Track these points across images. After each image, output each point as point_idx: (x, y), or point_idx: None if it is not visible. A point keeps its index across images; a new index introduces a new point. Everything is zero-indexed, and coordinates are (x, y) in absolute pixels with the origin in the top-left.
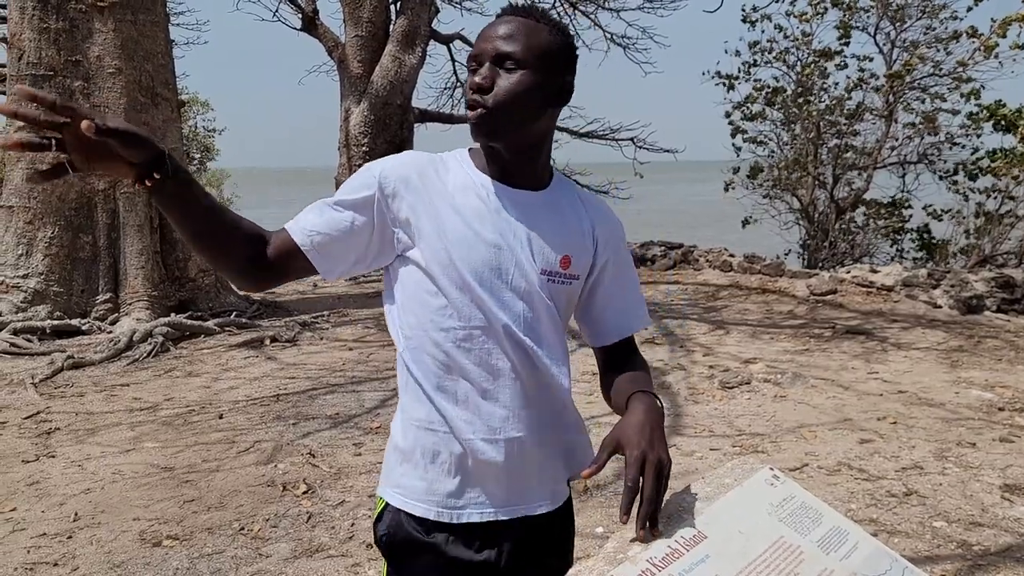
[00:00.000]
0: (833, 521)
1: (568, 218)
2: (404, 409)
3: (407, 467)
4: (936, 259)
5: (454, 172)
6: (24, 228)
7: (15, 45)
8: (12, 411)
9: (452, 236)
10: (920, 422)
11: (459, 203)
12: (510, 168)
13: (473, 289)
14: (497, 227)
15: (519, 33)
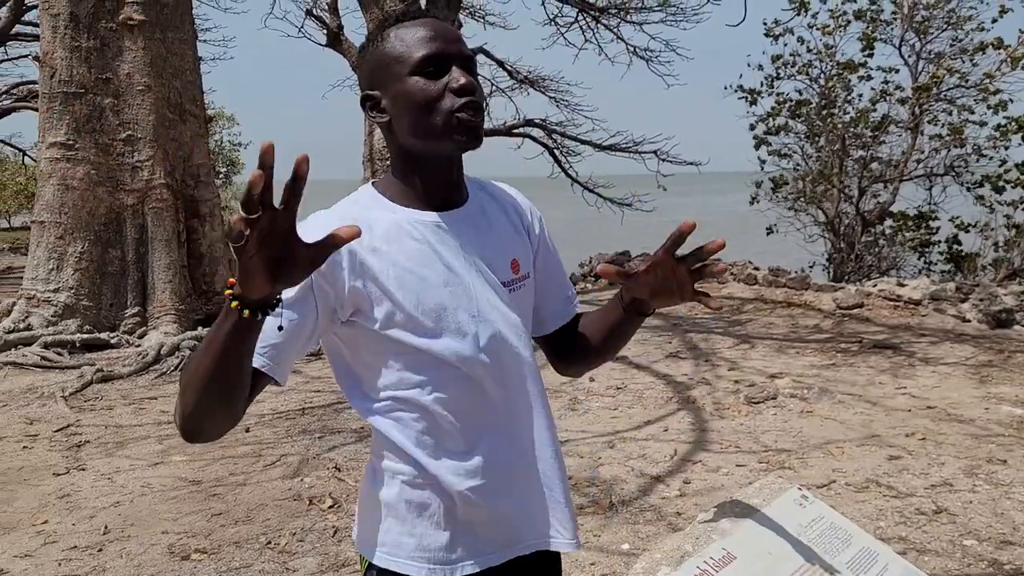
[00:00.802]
0: (863, 542)
1: (496, 219)
2: (383, 464)
3: (392, 522)
4: (964, 272)
5: (376, 218)
6: (55, 243)
7: (47, 63)
8: (43, 424)
9: (401, 289)
10: (949, 438)
11: (396, 252)
12: (447, 184)
13: (438, 335)
14: (444, 262)
15: (463, 38)
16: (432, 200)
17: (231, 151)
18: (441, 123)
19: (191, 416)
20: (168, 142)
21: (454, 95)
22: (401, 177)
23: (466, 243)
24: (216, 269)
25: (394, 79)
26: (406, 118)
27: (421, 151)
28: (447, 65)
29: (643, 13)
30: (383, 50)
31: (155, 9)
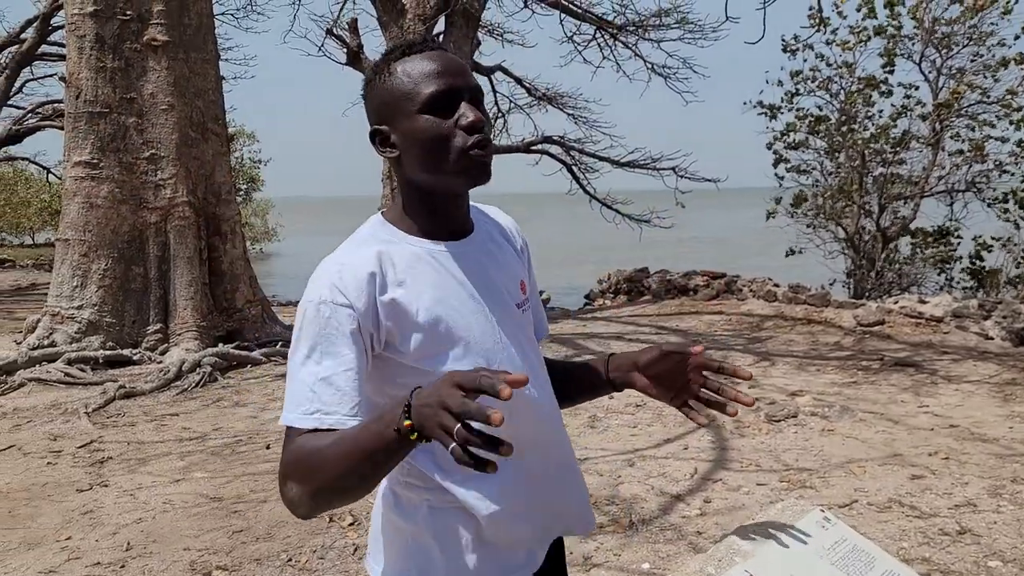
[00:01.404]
0: (886, 564)
1: (502, 244)
2: (406, 490)
3: (417, 550)
4: (987, 289)
5: (396, 252)
6: (79, 260)
7: (73, 84)
8: (67, 440)
9: (429, 320)
10: (973, 457)
11: (420, 284)
12: (456, 217)
13: (464, 362)
14: (466, 291)
15: (469, 70)
16: (444, 231)
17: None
18: (453, 161)
19: (319, 508)
20: (190, 160)
21: (465, 132)
22: (412, 209)
23: (481, 270)
24: (237, 286)
25: (403, 116)
26: (417, 155)
27: (432, 187)
28: (456, 101)
29: (661, 31)
30: (391, 85)
31: (179, 30)
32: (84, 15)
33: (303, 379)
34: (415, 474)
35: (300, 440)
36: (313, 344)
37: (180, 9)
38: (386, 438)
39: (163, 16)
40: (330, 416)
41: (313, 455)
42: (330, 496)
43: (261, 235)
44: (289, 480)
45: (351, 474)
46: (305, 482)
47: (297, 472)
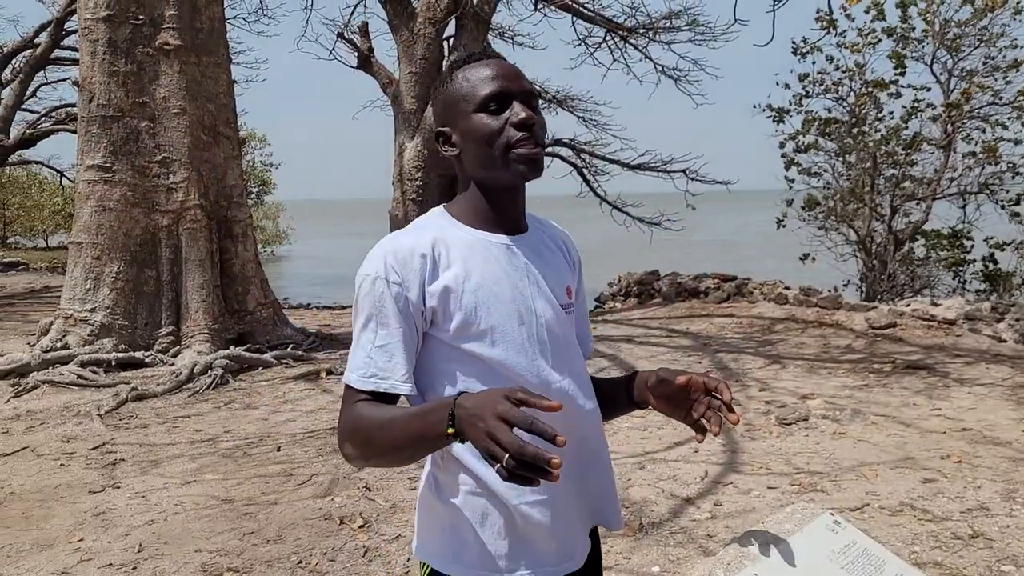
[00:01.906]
0: (897, 568)
1: (552, 249)
2: (444, 473)
3: (453, 531)
4: (1000, 291)
5: (452, 237)
6: (92, 263)
7: (86, 88)
8: (80, 442)
9: (475, 303)
10: (986, 461)
11: (471, 268)
12: (512, 212)
13: (505, 348)
14: (512, 282)
15: (523, 75)
16: (500, 226)
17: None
18: (501, 155)
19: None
20: (202, 164)
21: (514, 129)
22: (471, 204)
23: (531, 267)
24: (248, 288)
25: (462, 116)
26: (472, 151)
27: (487, 181)
28: (508, 101)
29: (671, 33)
30: (452, 89)
31: (191, 34)
32: (97, 20)
33: (362, 344)
34: (455, 460)
35: (359, 407)
36: (369, 315)
37: (192, 13)
38: (431, 434)
39: (175, 20)
40: (384, 381)
41: (367, 428)
42: (379, 463)
43: (272, 238)
44: (347, 440)
45: (398, 453)
46: (360, 448)
47: (354, 438)
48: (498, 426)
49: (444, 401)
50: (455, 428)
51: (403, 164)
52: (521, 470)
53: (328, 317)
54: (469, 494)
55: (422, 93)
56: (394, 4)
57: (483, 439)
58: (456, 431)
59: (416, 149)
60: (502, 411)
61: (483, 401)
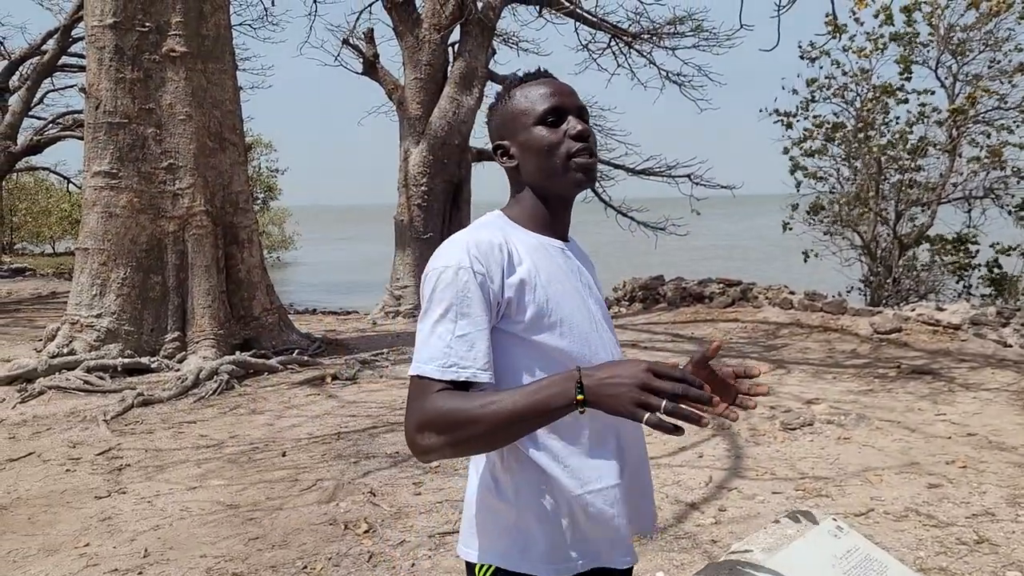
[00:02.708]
0: (899, 573)
1: (588, 260)
2: (507, 473)
3: (519, 530)
4: (1005, 296)
5: (516, 237)
6: (98, 269)
7: (93, 95)
8: (86, 447)
9: (545, 297)
10: (991, 466)
11: (539, 266)
12: (564, 221)
13: (570, 341)
14: (571, 282)
15: (576, 91)
16: (553, 231)
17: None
18: (560, 165)
19: (452, 455)
20: (208, 170)
21: (572, 140)
22: (526, 211)
23: (583, 273)
24: (254, 294)
25: (521, 129)
26: (532, 161)
27: (545, 189)
28: (565, 115)
29: (676, 38)
30: (511, 105)
31: (197, 41)
32: (104, 27)
33: (440, 335)
34: (515, 459)
35: (439, 395)
36: (449, 305)
37: (198, 20)
38: (551, 404)
39: (181, 27)
40: (466, 370)
41: (461, 411)
42: (471, 448)
43: (278, 243)
44: (428, 430)
45: (506, 430)
46: (449, 433)
47: (439, 424)
48: (651, 379)
49: (560, 376)
50: (584, 395)
51: (408, 169)
52: (678, 413)
53: (334, 322)
54: (535, 491)
55: (427, 99)
56: (399, 11)
57: (630, 395)
58: (586, 398)
59: (421, 155)
60: (650, 368)
61: (619, 367)
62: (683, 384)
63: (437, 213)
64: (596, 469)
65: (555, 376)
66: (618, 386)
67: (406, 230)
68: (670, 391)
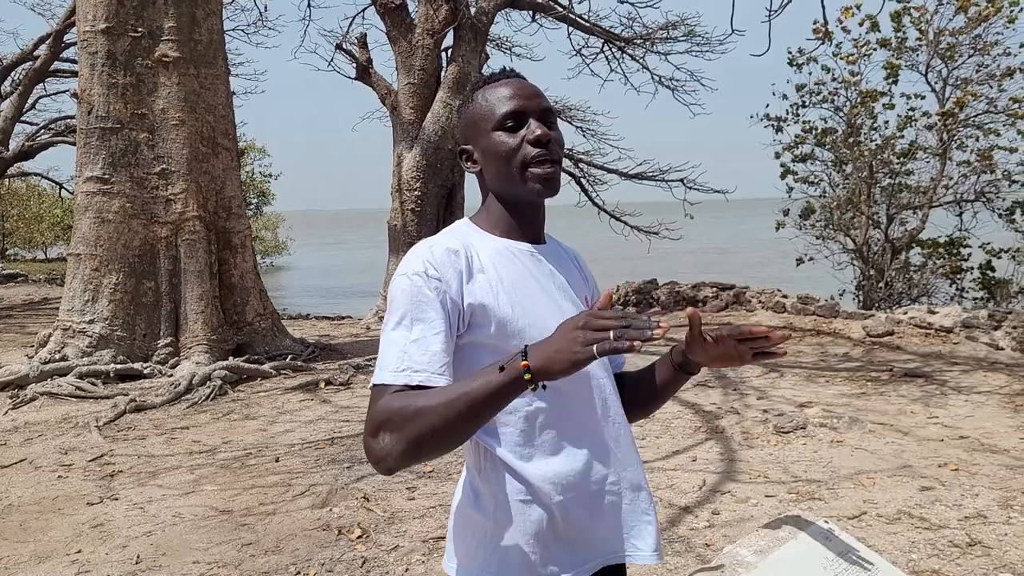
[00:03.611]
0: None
1: (568, 260)
2: (484, 483)
3: (495, 542)
4: (997, 299)
5: (479, 244)
6: (91, 275)
7: (85, 100)
8: (78, 454)
9: (509, 303)
10: (983, 469)
11: (501, 271)
12: (533, 224)
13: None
14: (540, 285)
15: (542, 93)
16: (522, 235)
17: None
18: (518, 172)
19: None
20: (201, 175)
21: (530, 146)
22: (493, 216)
23: (554, 274)
24: (247, 299)
25: (481, 134)
26: (492, 168)
27: (506, 195)
28: (525, 119)
29: (668, 43)
30: (472, 109)
31: (189, 46)
32: (96, 32)
33: (394, 342)
34: (494, 468)
35: (391, 396)
36: (405, 312)
37: (191, 25)
38: (496, 384)
39: (174, 32)
40: (419, 374)
41: (410, 406)
42: (425, 444)
43: (272, 248)
44: (382, 431)
45: (453, 421)
46: (400, 430)
47: (391, 422)
48: (591, 319)
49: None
50: (529, 363)
51: (402, 174)
52: (627, 335)
53: (327, 327)
54: (511, 501)
55: (421, 104)
56: (393, 16)
57: (576, 338)
58: (531, 366)
59: (415, 160)
60: (587, 313)
61: (558, 329)
62: (624, 317)
63: (431, 218)
64: (575, 474)
65: (498, 360)
66: (561, 338)
67: (400, 235)
68: (614, 324)
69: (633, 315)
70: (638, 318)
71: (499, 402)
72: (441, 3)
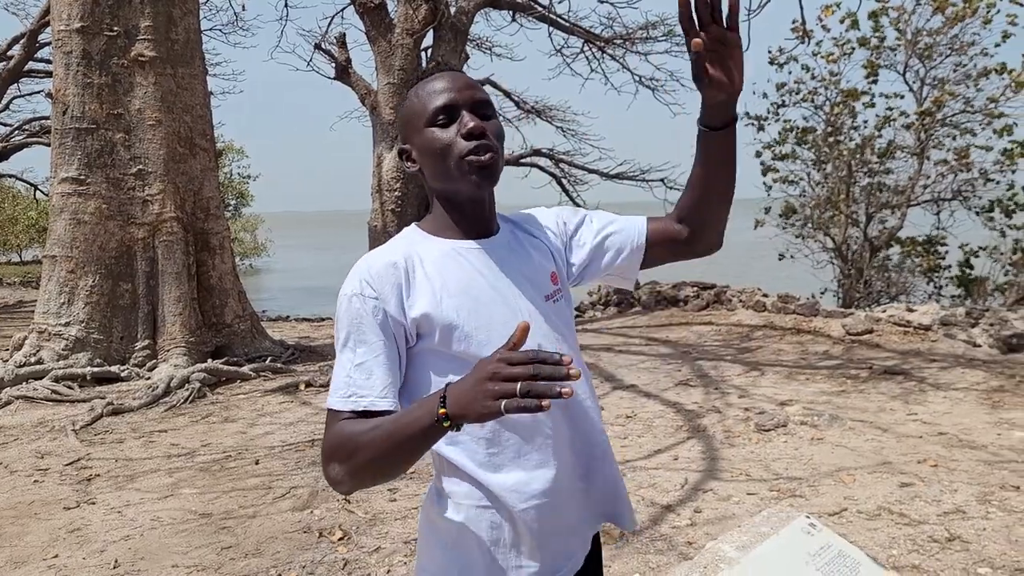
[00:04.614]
0: (870, 570)
1: (526, 240)
2: (445, 492)
3: (457, 549)
4: (974, 297)
5: (424, 250)
6: (66, 277)
7: (60, 100)
8: (54, 458)
9: (456, 309)
10: (962, 465)
11: (446, 276)
12: (480, 220)
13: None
14: (489, 283)
15: (476, 84)
16: (470, 232)
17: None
18: (455, 166)
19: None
20: (178, 176)
21: (463, 140)
22: (439, 215)
23: (505, 265)
24: (226, 301)
25: (416, 132)
26: (429, 165)
27: (446, 192)
28: (458, 112)
29: (648, 43)
30: (407, 107)
31: (166, 46)
32: (71, 31)
33: (342, 364)
34: (456, 473)
35: (341, 424)
36: (348, 333)
37: (167, 25)
38: (420, 425)
39: (150, 32)
40: (363, 399)
41: (352, 439)
42: (368, 475)
43: (251, 250)
44: (332, 461)
45: (386, 456)
46: (346, 462)
47: (339, 453)
48: (500, 367)
49: (432, 394)
50: (447, 409)
51: (382, 175)
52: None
53: (307, 329)
54: (473, 507)
55: (400, 104)
56: (372, 15)
57: (483, 390)
58: (448, 413)
59: (395, 160)
60: (498, 358)
61: (473, 370)
62: (534, 364)
63: (411, 219)
64: (538, 480)
65: (429, 396)
66: (472, 388)
67: (380, 236)
68: (522, 374)
69: (544, 354)
70: (550, 357)
71: (423, 443)
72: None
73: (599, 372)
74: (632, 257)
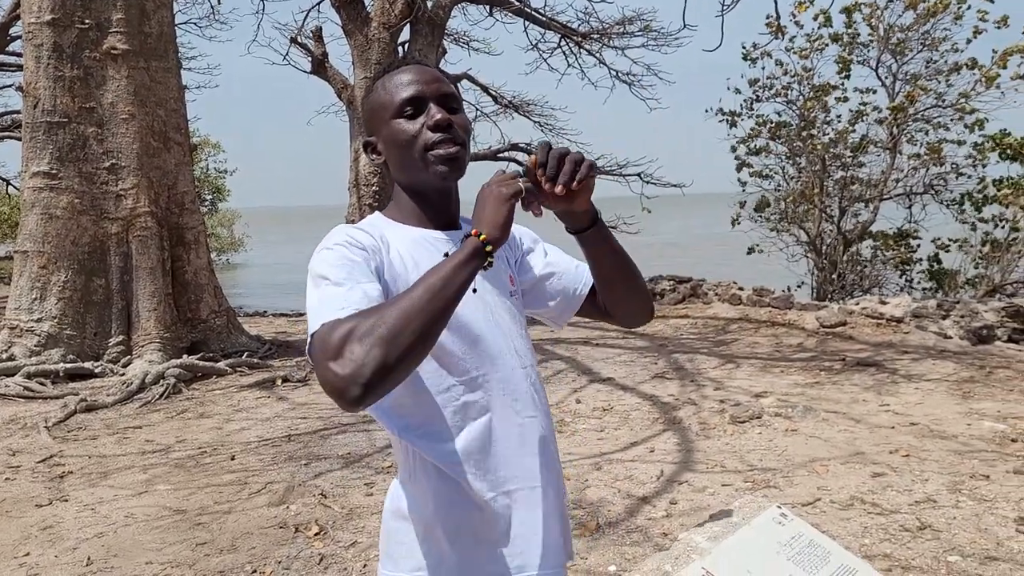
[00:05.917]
0: (841, 559)
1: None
2: (414, 483)
3: (430, 544)
4: (945, 290)
5: (392, 235)
6: (38, 272)
7: (31, 93)
8: (26, 455)
9: None
10: (933, 455)
11: (418, 261)
12: (446, 212)
13: (460, 341)
14: None
15: (442, 78)
16: (436, 223)
17: (216, 178)
18: (420, 158)
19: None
20: (152, 170)
21: (430, 131)
22: (405, 206)
23: None
24: (201, 296)
25: (383, 123)
26: (395, 157)
27: (411, 184)
28: (425, 105)
29: (625, 38)
30: (372, 99)
31: (139, 39)
32: (41, 24)
33: (332, 295)
34: (424, 468)
35: (349, 316)
36: (337, 272)
37: (140, 17)
38: (461, 256)
39: (123, 24)
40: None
41: (373, 310)
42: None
43: (227, 245)
44: (348, 344)
45: (426, 307)
46: (373, 332)
47: (360, 328)
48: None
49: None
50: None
51: (359, 170)
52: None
53: (285, 324)
54: (443, 503)
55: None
56: (348, 9)
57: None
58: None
59: None
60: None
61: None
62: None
63: None
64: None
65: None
66: (487, 205)
67: None
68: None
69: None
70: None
71: (472, 268)
72: None
73: (576, 365)
74: (568, 304)
